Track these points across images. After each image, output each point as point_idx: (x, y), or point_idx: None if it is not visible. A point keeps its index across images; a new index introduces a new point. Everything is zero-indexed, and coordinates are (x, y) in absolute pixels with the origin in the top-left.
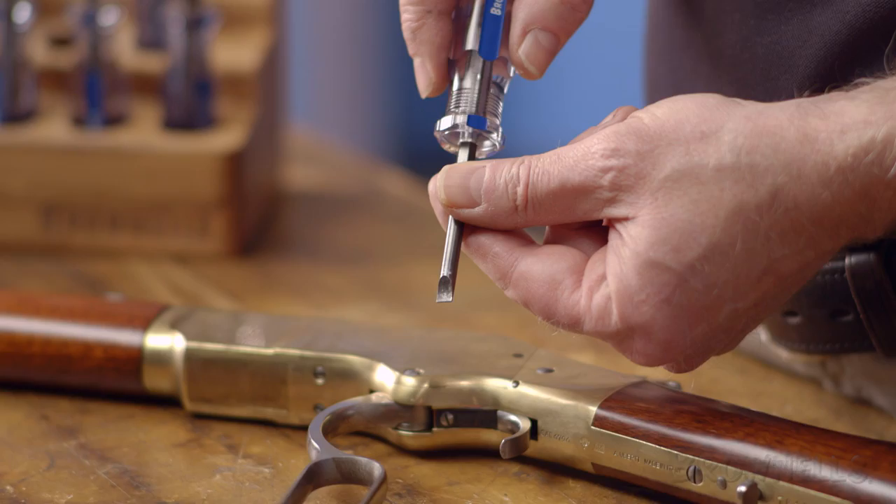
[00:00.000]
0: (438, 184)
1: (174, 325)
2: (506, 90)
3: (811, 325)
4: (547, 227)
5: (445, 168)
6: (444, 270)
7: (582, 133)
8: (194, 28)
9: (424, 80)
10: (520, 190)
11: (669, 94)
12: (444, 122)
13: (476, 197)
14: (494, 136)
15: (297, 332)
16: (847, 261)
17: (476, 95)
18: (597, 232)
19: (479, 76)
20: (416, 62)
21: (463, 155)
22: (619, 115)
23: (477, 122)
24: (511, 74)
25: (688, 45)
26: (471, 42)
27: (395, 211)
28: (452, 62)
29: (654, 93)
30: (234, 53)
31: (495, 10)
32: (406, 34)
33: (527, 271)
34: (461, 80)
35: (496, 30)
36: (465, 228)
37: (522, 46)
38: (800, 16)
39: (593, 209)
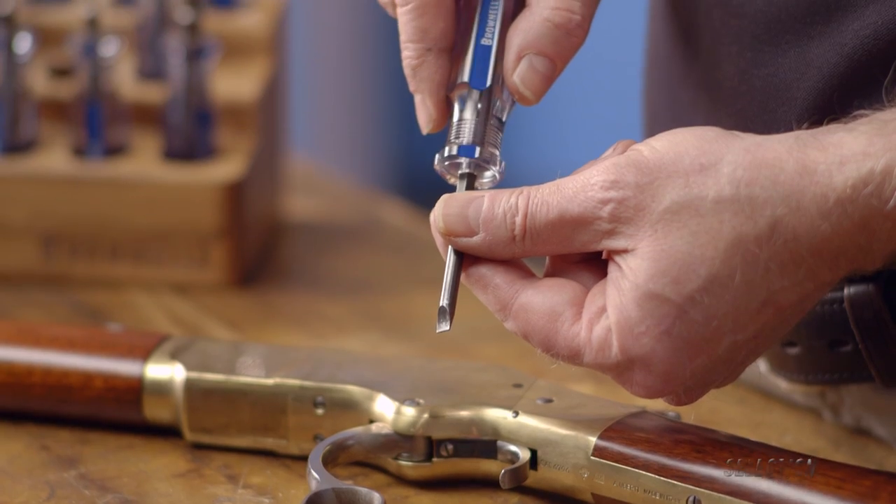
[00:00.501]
0: (437, 212)
1: (174, 356)
2: (506, 119)
3: (810, 355)
4: (547, 260)
5: (444, 197)
6: (443, 300)
7: (582, 166)
8: (194, 58)
9: (425, 116)
10: (518, 220)
11: (669, 126)
12: (444, 153)
13: (474, 226)
14: (494, 166)
15: (297, 362)
16: (846, 291)
17: (475, 126)
18: (597, 265)
19: (478, 107)
20: (417, 98)
21: (462, 186)
22: (619, 149)
23: (476, 153)
24: (511, 105)
25: (686, 77)
26: (466, 73)
27: (395, 241)
28: (462, 93)
29: (654, 125)
30: (234, 84)
31: (486, 41)
32: (407, 71)
33: (527, 303)
34: (461, 111)
35: (486, 60)
36: (465, 259)
37: (518, 71)
38: (796, 48)
39: (591, 240)
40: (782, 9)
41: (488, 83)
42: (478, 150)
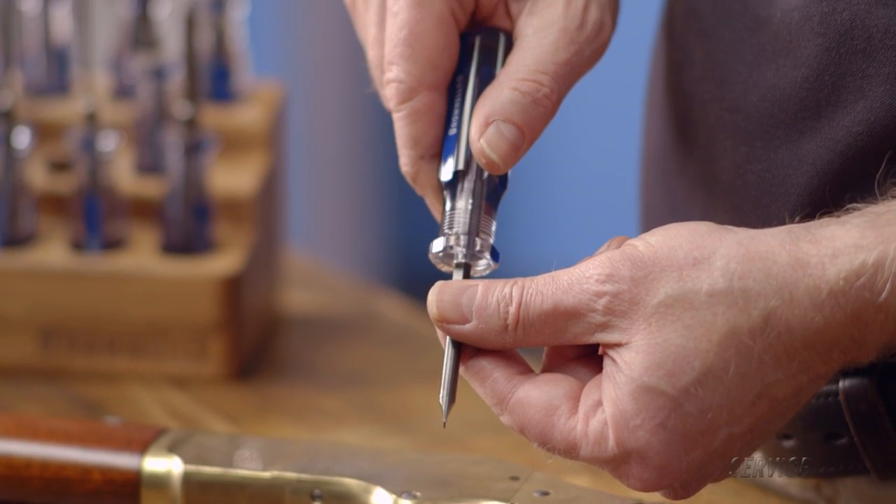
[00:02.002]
0: (431, 298)
1: (172, 449)
2: (497, 205)
3: (806, 447)
4: (544, 356)
5: (438, 284)
6: (444, 393)
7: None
8: (193, 153)
9: (436, 214)
10: (511, 309)
11: (665, 220)
12: (437, 245)
13: (467, 313)
14: (488, 256)
15: (295, 455)
16: (841, 384)
17: (467, 216)
18: (593, 361)
19: (469, 196)
20: (427, 200)
21: (458, 276)
22: (614, 244)
23: (469, 243)
24: (503, 190)
25: (682, 171)
26: (461, 163)
27: (392, 334)
28: (449, 182)
29: (650, 217)
30: (232, 178)
31: (451, 131)
32: (407, 178)
33: (524, 397)
34: (452, 200)
35: (451, 148)
36: (464, 351)
37: (485, 136)
38: (788, 144)
39: (584, 333)
40: (775, 105)
41: (459, 167)
42: (471, 239)
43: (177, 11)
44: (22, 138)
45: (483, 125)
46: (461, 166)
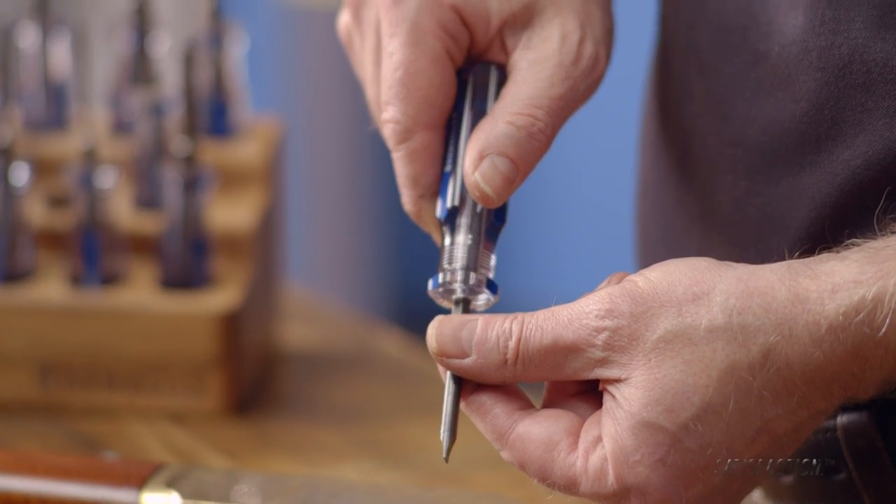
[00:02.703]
0: (431, 332)
1: (170, 484)
2: (496, 240)
3: (804, 483)
4: (544, 392)
5: (438, 318)
6: (445, 429)
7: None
8: (191, 188)
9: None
10: (511, 344)
11: (661, 254)
12: (436, 280)
13: (467, 348)
14: (487, 290)
15: (293, 490)
16: (839, 420)
17: (466, 251)
18: (593, 396)
19: (468, 232)
20: (434, 237)
21: (457, 311)
22: (615, 280)
23: (469, 278)
24: (501, 225)
25: (680, 205)
26: (457, 198)
27: (390, 369)
28: (446, 218)
29: (646, 252)
30: (230, 213)
31: (447, 168)
32: (411, 217)
33: (524, 433)
34: (451, 235)
35: (447, 185)
36: (465, 386)
37: (479, 169)
38: (789, 178)
39: (584, 368)
40: (775, 139)
41: (455, 203)
42: (471, 275)
43: (175, 47)
44: (21, 174)
45: (477, 159)
46: (456, 202)
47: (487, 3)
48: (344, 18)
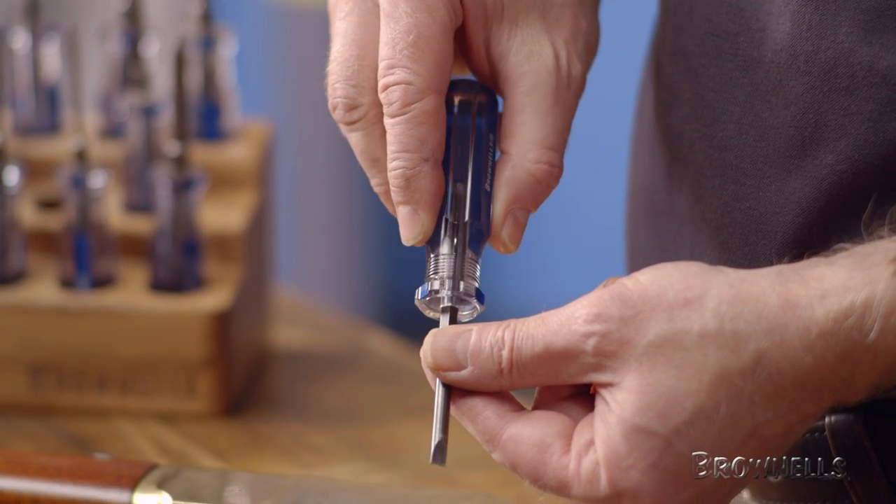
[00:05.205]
0: (426, 347)
1: (161, 485)
2: (481, 250)
3: (792, 483)
4: (536, 394)
5: (432, 332)
6: (437, 435)
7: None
8: (181, 190)
9: (416, 228)
10: (504, 353)
11: (652, 259)
12: (424, 290)
13: (462, 360)
14: (474, 299)
15: (283, 490)
16: (827, 420)
17: (453, 261)
18: (585, 399)
19: (454, 241)
20: (406, 210)
21: (444, 320)
22: (609, 285)
23: (455, 287)
24: (486, 236)
25: (670, 210)
26: (446, 211)
27: (381, 370)
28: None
29: (637, 257)
30: (221, 215)
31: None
32: (397, 182)
33: (516, 434)
34: (437, 246)
35: (464, 199)
36: (455, 390)
37: (505, 228)
38: (776, 182)
39: (578, 373)
40: (767, 143)
41: (466, 218)
42: (456, 283)
43: (166, 50)
44: (12, 176)
45: (504, 214)
46: (447, 215)
47: None
48: None
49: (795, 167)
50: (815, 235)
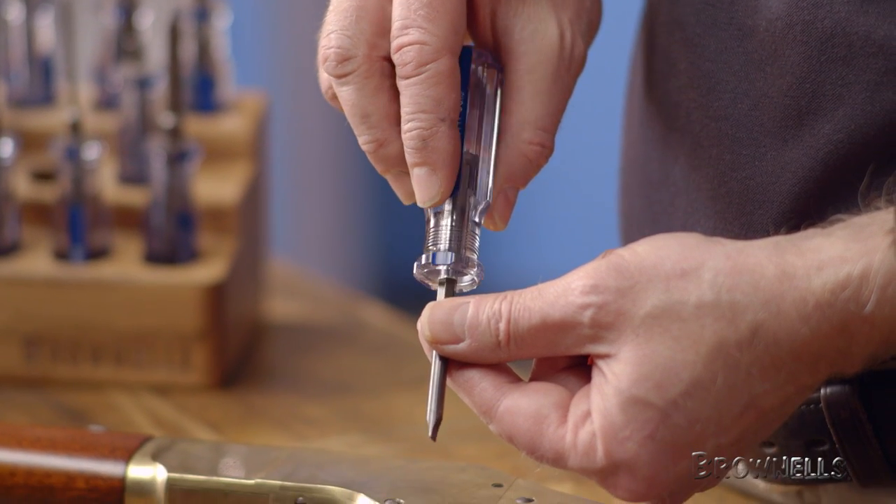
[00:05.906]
0: (423, 321)
1: (156, 457)
2: (480, 221)
3: (788, 455)
4: (533, 365)
5: (429, 305)
6: (432, 409)
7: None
8: (176, 162)
9: (434, 189)
10: (502, 326)
11: (645, 230)
12: (423, 261)
13: (460, 333)
14: (473, 271)
15: (278, 462)
16: (823, 392)
17: (451, 232)
18: (582, 370)
19: (453, 213)
20: (422, 172)
21: (442, 292)
22: (606, 256)
23: (455, 259)
24: (484, 207)
25: (664, 181)
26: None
27: (376, 342)
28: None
29: (630, 229)
30: (215, 187)
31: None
32: (414, 143)
33: (513, 406)
34: (437, 217)
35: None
36: (451, 363)
37: (497, 207)
38: (773, 152)
39: (576, 344)
40: (764, 112)
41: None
42: (456, 256)
43: (160, 21)
44: (6, 148)
45: (497, 192)
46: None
47: None
48: None
49: (792, 137)
50: (811, 205)
